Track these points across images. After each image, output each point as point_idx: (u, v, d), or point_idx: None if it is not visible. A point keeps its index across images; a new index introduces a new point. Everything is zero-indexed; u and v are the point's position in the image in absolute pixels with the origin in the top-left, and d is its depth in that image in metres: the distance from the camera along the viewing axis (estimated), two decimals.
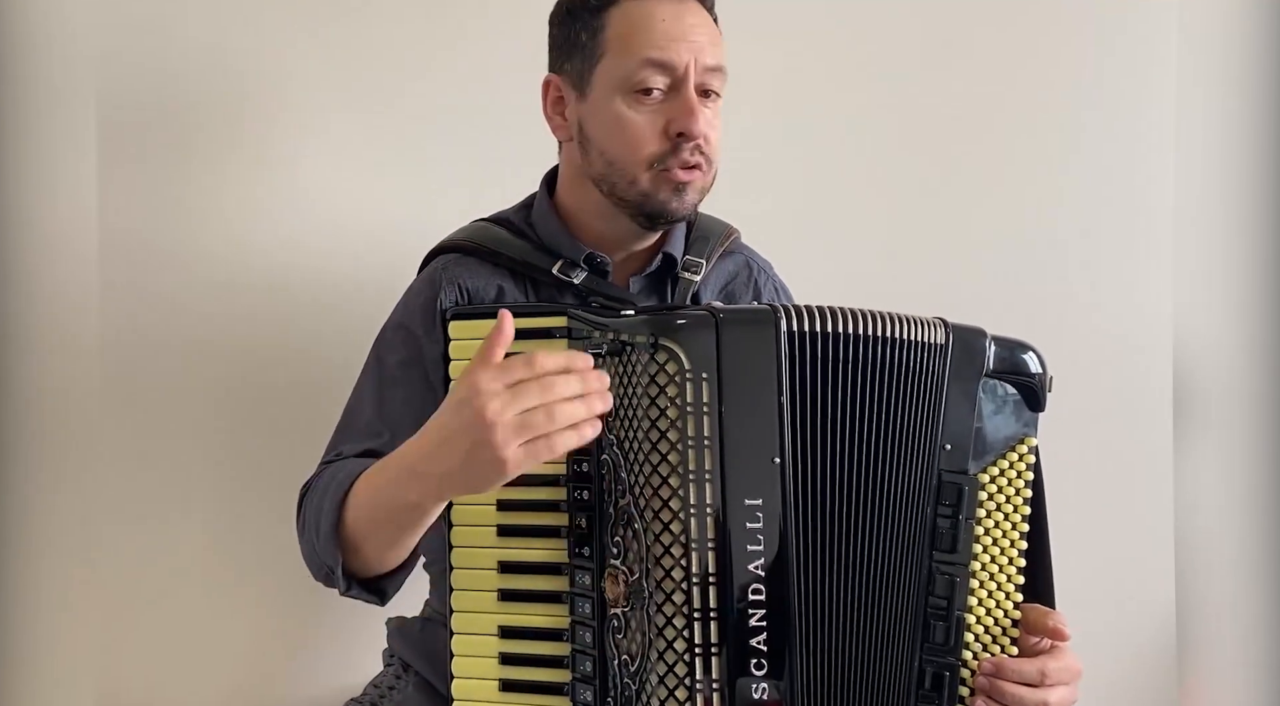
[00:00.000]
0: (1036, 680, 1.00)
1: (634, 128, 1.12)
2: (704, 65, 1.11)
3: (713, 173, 1.16)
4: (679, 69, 1.10)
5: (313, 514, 1.08)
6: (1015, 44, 1.72)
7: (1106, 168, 1.75)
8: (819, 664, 0.97)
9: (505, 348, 0.92)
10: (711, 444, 0.94)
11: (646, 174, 1.12)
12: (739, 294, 1.28)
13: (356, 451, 1.14)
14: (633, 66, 1.11)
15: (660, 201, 1.13)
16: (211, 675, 1.52)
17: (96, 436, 1.47)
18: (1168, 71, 1.75)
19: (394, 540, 1.03)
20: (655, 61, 1.10)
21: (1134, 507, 1.77)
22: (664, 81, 1.11)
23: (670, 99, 1.11)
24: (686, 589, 0.93)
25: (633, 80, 1.11)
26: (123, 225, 1.46)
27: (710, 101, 1.14)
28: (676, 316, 0.98)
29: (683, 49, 1.10)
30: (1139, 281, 1.76)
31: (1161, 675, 1.76)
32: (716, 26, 1.17)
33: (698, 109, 1.10)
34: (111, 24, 1.45)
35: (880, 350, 1.00)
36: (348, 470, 1.07)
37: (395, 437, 1.11)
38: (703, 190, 1.16)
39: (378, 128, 1.53)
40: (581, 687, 0.98)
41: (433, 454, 0.93)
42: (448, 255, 1.21)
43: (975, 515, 1.02)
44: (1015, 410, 1.04)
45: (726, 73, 1.15)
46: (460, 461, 0.90)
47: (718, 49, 1.14)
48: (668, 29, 1.11)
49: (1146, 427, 1.76)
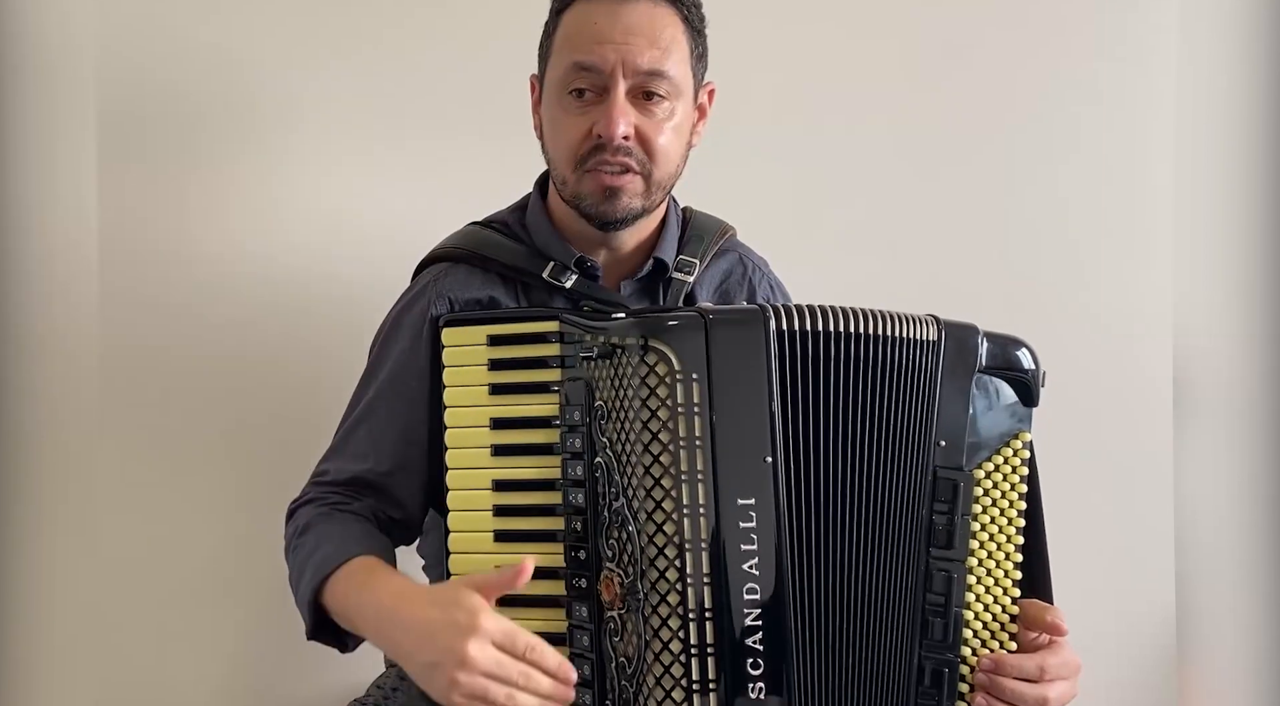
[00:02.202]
0: (1036, 675, 1.02)
1: (563, 128, 1.16)
2: (636, 68, 1.12)
3: (660, 177, 1.17)
4: (604, 71, 1.13)
5: (296, 566, 1.11)
6: (1015, 43, 1.74)
7: (1106, 165, 1.77)
8: (817, 662, 0.99)
9: (520, 586, 0.96)
10: (703, 444, 0.96)
11: (574, 174, 1.16)
12: (733, 291, 1.30)
13: (342, 477, 1.18)
14: (564, 69, 1.15)
15: (591, 204, 1.16)
16: (213, 675, 1.54)
17: (96, 437, 1.49)
18: (1168, 70, 1.77)
19: (358, 633, 1.08)
20: (581, 64, 1.13)
21: (1134, 505, 1.79)
22: (591, 84, 1.14)
23: (601, 101, 1.14)
24: (681, 589, 0.96)
25: (564, 82, 1.15)
26: (123, 226, 1.49)
27: (653, 104, 1.15)
28: (666, 318, 1.00)
29: (609, 52, 1.12)
30: (1139, 278, 1.79)
31: (1161, 671, 1.77)
32: (684, 26, 1.17)
33: (615, 111, 1.12)
34: (112, 24, 1.48)
35: (872, 348, 1.02)
36: (330, 544, 1.09)
37: (378, 464, 1.17)
38: (642, 194, 1.17)
39: (379, 129, 1.56)
40: (580, 691, 1.00)
41: (405, 631, 0.97)
42: (439, 266, 1.23)
43: (971, 511, 1.04)
44: (1009, 406, 1.07)
45: (677, 77, 1.15)
46: (420, 660, 0.95)
47: (660, 53, 1.14)
48: (598, 32, 1.13)
49: (1146, 425, 1.79)
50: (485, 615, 0.93)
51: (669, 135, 1.16)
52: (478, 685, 0.91)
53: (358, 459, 1.18)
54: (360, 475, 1.17)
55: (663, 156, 1.16)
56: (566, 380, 1.04)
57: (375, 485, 1.17)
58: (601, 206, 1.16)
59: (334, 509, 1.15)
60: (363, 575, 1.05)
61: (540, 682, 0.92)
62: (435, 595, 0.98)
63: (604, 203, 1.16)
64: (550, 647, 0.94)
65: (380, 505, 1.17)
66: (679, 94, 1.16)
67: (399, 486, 1.16)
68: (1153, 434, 1.79)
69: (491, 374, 1.07)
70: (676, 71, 1.15)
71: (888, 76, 1.72)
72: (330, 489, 1.18)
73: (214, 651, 1.55)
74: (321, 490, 1.18)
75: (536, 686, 0.92)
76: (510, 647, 0.92)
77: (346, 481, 1.17)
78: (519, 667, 0.92)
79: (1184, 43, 1.76)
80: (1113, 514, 1.78)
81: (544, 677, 0.93)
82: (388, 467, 1.17)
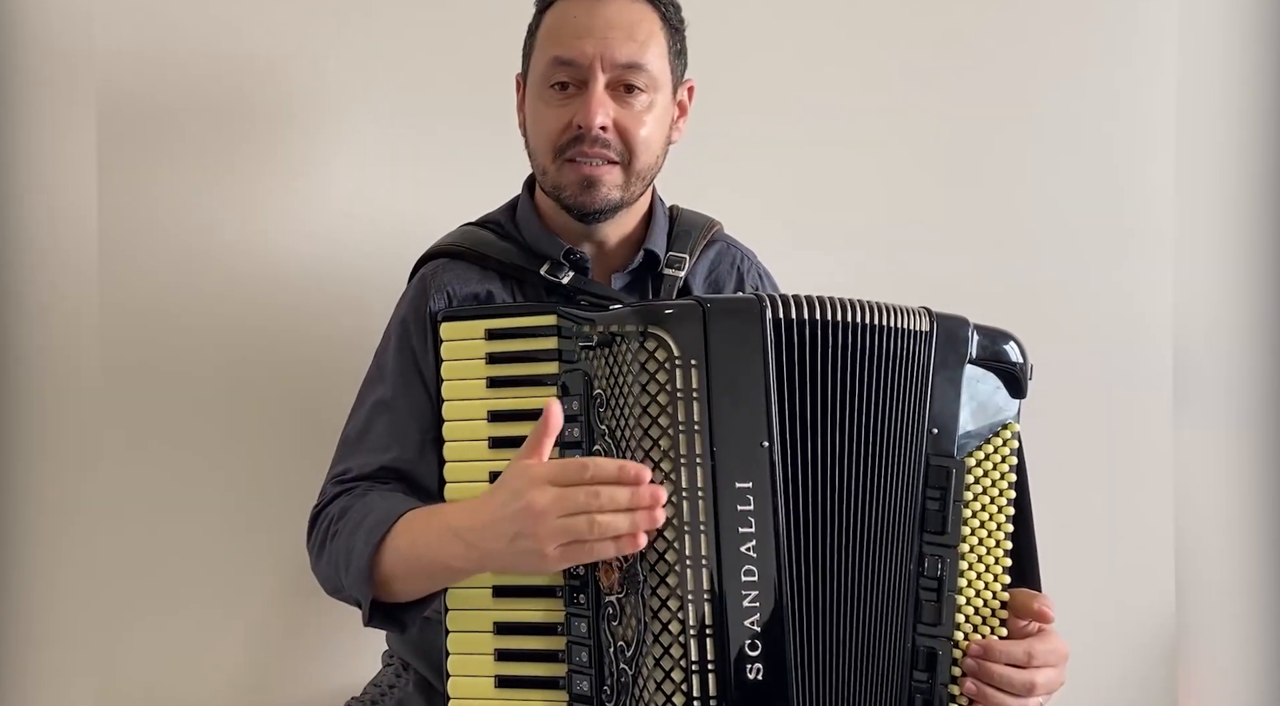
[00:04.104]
0: (1024, 661, 1.06)
1: (544, 119, 1.22)
2: (614, 61, 1.19)
3: (639, 168, 1.23)
4: (583, 64, 1.19)
5: (341, 547, 1.13)
6: (1015, 42, 1.79)
7: (1106, 164, 1.81)
8: (814, 643, 1.03)
9: (553, 437, 0.99)
10: (701, 429, 1.00)
11: (553, 164, 1.22)
12: (723, 280, 1.35)
13: (369, 469, 1.20)
14: (545, 63, 1.21)
15: (570, 195, 1.22)
16: (212, 675, 1.56)
17: (96, 437, 1.52)
18: (1168, 70, 1.81)
19: (423, 588, 1.10)
20: (560, 58, 1.20)
21: (1134, 504, 1.82)
22: (571, 77, 1.21)
23: (581, 94, 1.20)
24: (680, 571, 0.99)
25: (545, 76, 1.22)
26: (123, 225, 1.52)
27: (632, 97, 1.21)
28: (665, 306, 1.05)
29: (587, 45, 1.19)
30: (1138, 278, 1.83)
31: (1161, 670, 1.81)
32: (661, 23, 1.23)
33: (594, 102, 1.19)
34: (112, 23, 1.51)
35: (866, 337, 1.07)
36: (379, 508, 1.12)
37: (403, 452, 1.19)
38: (621, 186, 1.23)
39: (379, 128, 1.60)
40: (578, 678, 1.04)
41: (481, 530, 1.00)
42: (437, 260, 1.28)
43: (963, 498, 1.08)
44: (997, 397, 1.11)
45: (655, 71, 1.22)
46: (505, 545, 0.98)
47: (638, 46, 1.20)
48: (578, 26, 1.20)
49: (1146, 424, 1.82)
50: (536, 466, 0.96)
51: (649, 127, 1.22)
52: (556, 527, 0.93)
53: (380, 451, 1.21)
54: (388, 464, 1.20)
55: (642, 147, 1.22)
56: (564, 372, 1.07)
57: (404, 473, 1.20)
58: (580, 197, 1.22)
59: (368, 491, 1.18)
60: (423, 517, 1.08)
61: (615, 495, 0.94)
62: (495, 485, 1.01)
63: (582, 193, 1.22)
64: (605, 459, 0.97)
65: (411, 492, 1.19)
66: (657, 87, 1.23)
67: (425, 476, 1.19)
68: (1152, 433, 1.83)
69: (489, 367, 1.10)
70: (655, 65, 1.22)
71: (886, 76, 1.76)
72: (355, 482, 1.20)
73: (214, 652, 1.57)
74: (346, 485, 1.21)
75: (612, 499, 0.94)
76: (569, 477, 0.95)
77: (373, 473, 1.20)
78: (584, 492, 0.94)
79: (1184, 43, 1.80)
80: (1112, 512, 1.81)
81: (615, 491, 0.94)
82: (413, 455, 1.20)
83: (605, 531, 0.94)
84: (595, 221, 1.25)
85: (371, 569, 1.09)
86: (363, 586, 1.10)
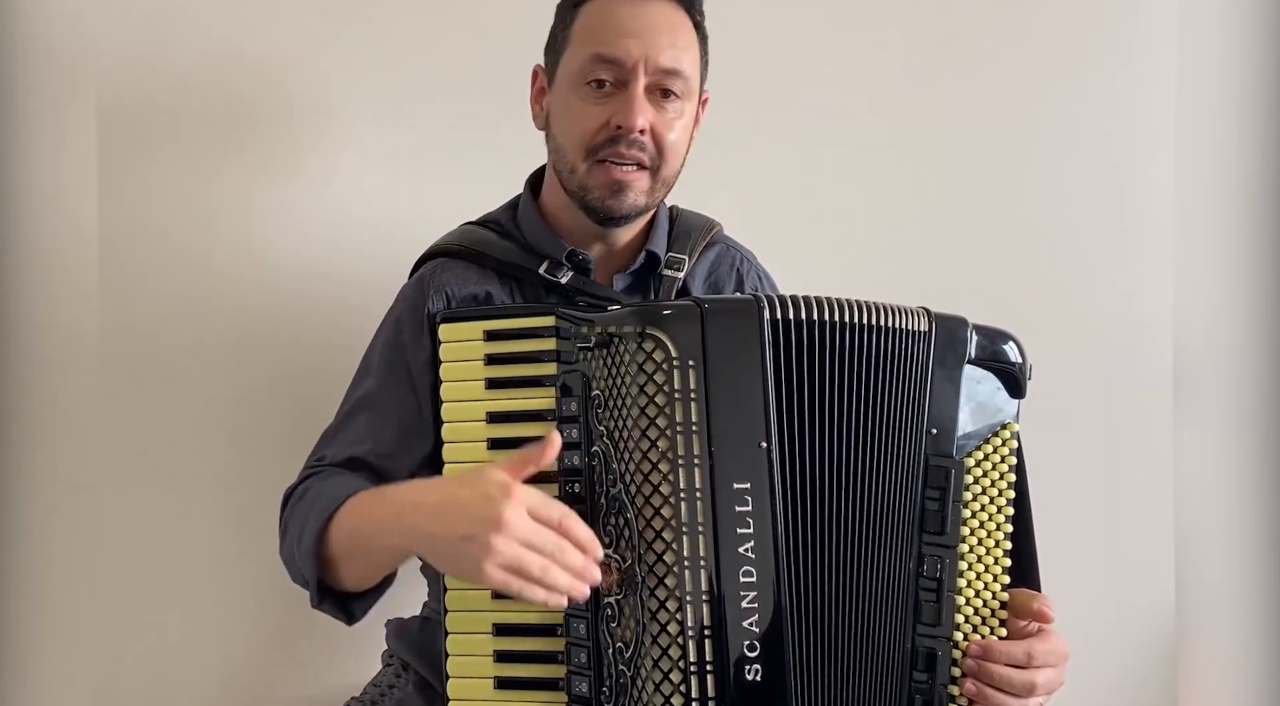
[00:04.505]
0: (1024, 661, 1.07)
1: (579, 115, 1.21)
2: (656, 65, 1.19)
3: (666, 175, 1.24)
4: (626, 64, 1.19)
5: (297, 524, 1.14)
6: (1015, 42, 1.79)
7: (1106, 164, 1.82)
8: (813, 643, 1.04)
9: (542, 467, 0.99)
10: (699, 429, 1.01)
11: (584, 163, 1.21)
12: (722, 281, 1.35)
13: (340, 458, 1.21)
14: (584, 59, 1.20)
15: (597, 198, 1.22)
16: (211, 675, 1.57)
17: (96, 438, 1.52)
18: (1168, 70, 1.82)
19: (368, 568, 1.10)
20: (604, 56, 1.19)
21: (1134, 504, 1.83)
22: (612, 76, 1.20)
23: (619, 94, 1.20)
24: (679, 572, 1.00)
25: (584, 72, 1.21)
26: (123, 225, 1.52)
27: (668, 102, 1.22)
28: (662, 307, 1.06)
29: (633, 46, 1.19)
30: (1138, 278, 1.83)
31: (1161, 669, 1.81)
32: (695, 32, 1.24)
33: (636, 102, 1.19)
34: (113, 23, 1.51)
35: (864, 337, 1.07)
36: (334, 488, 1.13)
37: (377, 446, 1.20)
38: (647, 191, 1.23)
39: (379, 129, 1.60)
40: (577, 679, 1.04)
41: (430, 513, 0.99)
42: (436, 260, 1.29)
43: (962, 499, 1.09)
44: (996, 397, 1.12)
45: (691, 78, 1.22)
46: (448, 536, 0.97)
47: (679, 52, 1.21)
48: (621, 25, 1.20)
49: (1146, 424, 1.83)
50: (518, 485, 0.96)
51: (678, 133, 1.23)
52: (514, 553, 0.93)
53: (355, 443, 1.22)
54: (358, 456, 1.20)
55: (671, 153, 1.23)
56: (563, 373, 1.08)
57: (373, 466, 1.20)
58: (608, 201, 1.22)
59: (332, 475, 1.19)
60: (371, 495, 1.08)
61: (572, 558, 0.95)
62: (461, 477, 1.00)
63: (610, 197, 1.22)
64: (580, 520, 0.97)
65: (377, 485, 1.18)
66: (690, 95, 1.24)
67: (397, 472, 1.20)
68: (1152, 433, 1.83)
69: (488, 368, 1.11)
70: (690, 73, 1.22)
71: (886, 76, 1.76)
72: (325, 468, 1.21)
73: (213, 652, 1.57)
74: (315, 471, 1.21)
75: (568, 561, 0.94)
76: (545, 516, 0.95)
77: (344, 462, 1.21)
78: (555, 538, 0.94)
79: (1184, 43, 1.81)
80: (1112, 512, 1.82)
81: (575, 553, 0.95)
82: (388, 450, 1.20)
83: (550, 580, 0.94)
84: (615, 226, 1.26)
85: (319, 544, 1.09)
86: (310, 562, 1.10)
